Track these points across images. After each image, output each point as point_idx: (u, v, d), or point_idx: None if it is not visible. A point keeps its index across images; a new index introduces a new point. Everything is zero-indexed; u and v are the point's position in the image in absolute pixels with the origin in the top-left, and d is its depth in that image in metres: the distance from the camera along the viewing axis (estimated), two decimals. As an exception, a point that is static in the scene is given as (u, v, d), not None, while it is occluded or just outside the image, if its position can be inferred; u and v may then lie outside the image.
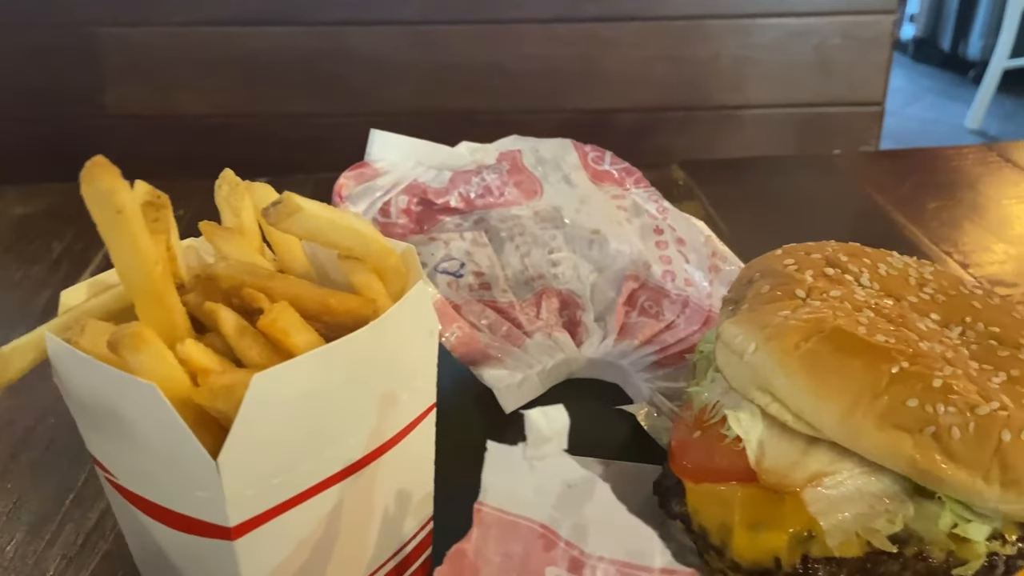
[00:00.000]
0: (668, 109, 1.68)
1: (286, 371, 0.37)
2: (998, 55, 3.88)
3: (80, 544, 0.57)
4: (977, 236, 0.97)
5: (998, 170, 1.13)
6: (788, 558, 0.47)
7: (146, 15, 1.52)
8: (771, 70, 1.61)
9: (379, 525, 0.48)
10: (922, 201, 1.06)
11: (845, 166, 1.21)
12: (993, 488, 0.44)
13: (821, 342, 0.47)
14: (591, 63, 1.62)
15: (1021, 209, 1.03)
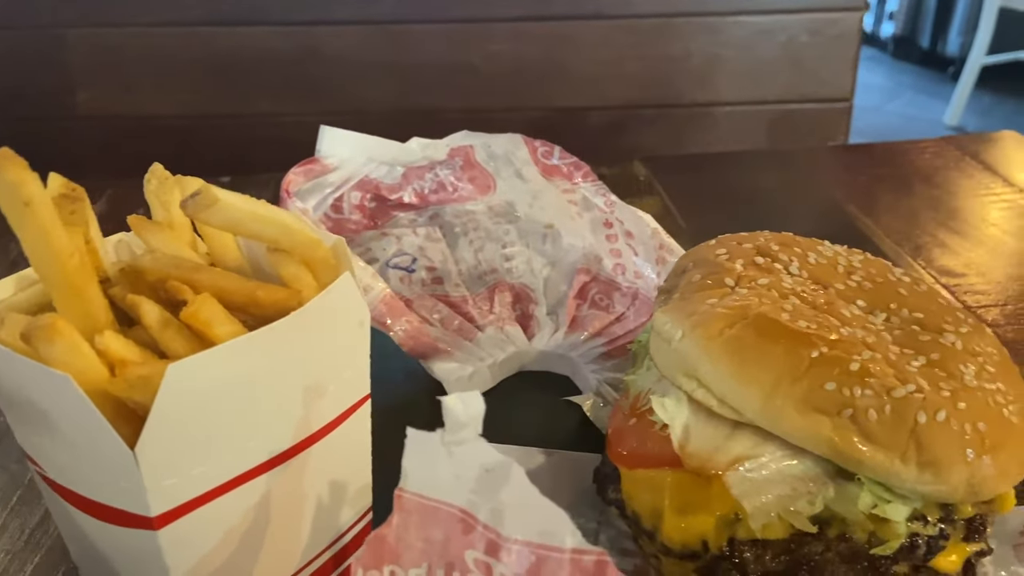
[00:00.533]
0: (639, 107, 1.69)
1: (203, 361, 0.38)
2: (975, 52, 3.92)
3: (24, 540, 0.57)
4: (930, 229, 0.98)
5: (955, 163, 1.15)
6: (715, 541, 0.48)
7: (115, 16, 1.51)
8: (741, 67, 1.63)
9: (313, 515, 0.48)
10: (878, 194, 1.07)
11: (803, 161, 1.22)
12: (910, 469, 0.45)
13: (744, 328, 0.48)
14: (561, 61, 1.63)
15: (975, 201, 1.05)
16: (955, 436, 0.45)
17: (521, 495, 0.39)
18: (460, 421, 0.39)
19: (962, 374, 0.47)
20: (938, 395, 0.46)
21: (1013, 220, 1.00)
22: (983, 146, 1.20)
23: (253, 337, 0.40)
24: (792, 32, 1.63)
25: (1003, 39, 4.01)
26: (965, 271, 0.88)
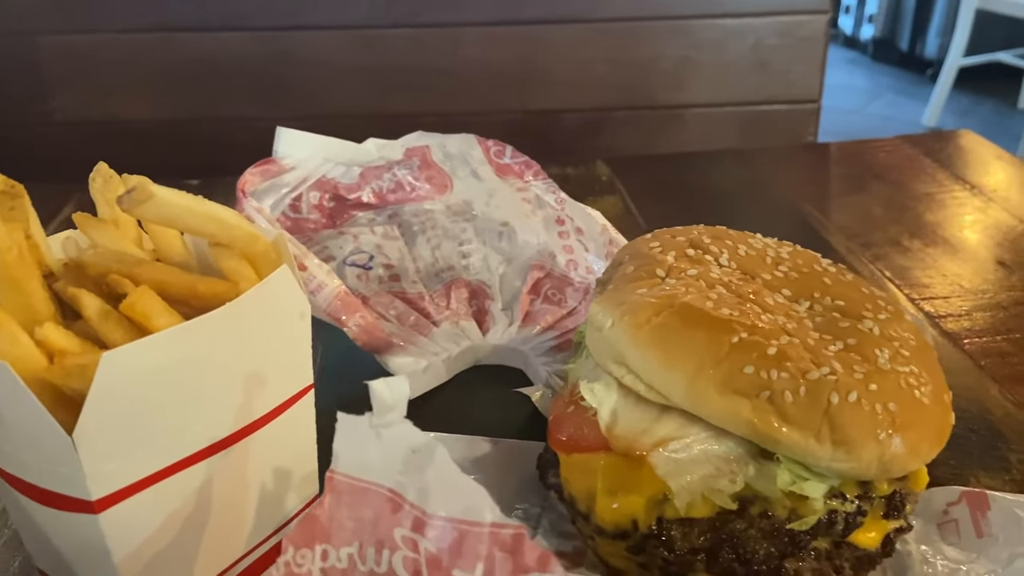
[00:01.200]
0: (612, 109, 1.71)
1: (138, 348, 0.40)
2: (953, 53, 3.97)
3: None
4: (882, 225, 1.01)
5: (910, 162, 1.18)
6: (644, 520, 0.50)
7: (90, 22, 1.52)
8: (711, 70, 1.65)
9: (257, 502, 0.50)
10: (832, 192, 1.10)
11: (763, 160, 1.25)
12: (825, 447, 0.47)
13: (670, 316, 0.50)
14: (534, 65, 1.65)
15: (928, 199, 1.07)
16: (866, 416, 0.47)
17: (445, 474, 0.41)
18: (387, 405, 0.41)
19: (876, 358, 0.50)
20: (851, 377, 0.48)
21: (964, 217, 1.02)
22: (939, 145, 1.23)
23: (189, 326, 0.41)
24: (760, 35, 1.65)
25: (980, 41, 4.06)
26: (912, 266, 0.91)
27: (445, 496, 0.40)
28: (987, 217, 1.01)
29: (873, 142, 1.25)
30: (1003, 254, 0.93)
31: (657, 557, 0.50)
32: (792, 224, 1.01)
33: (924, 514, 0.56)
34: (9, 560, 0.57)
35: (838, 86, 4.81)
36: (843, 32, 5.37)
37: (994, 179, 1.12)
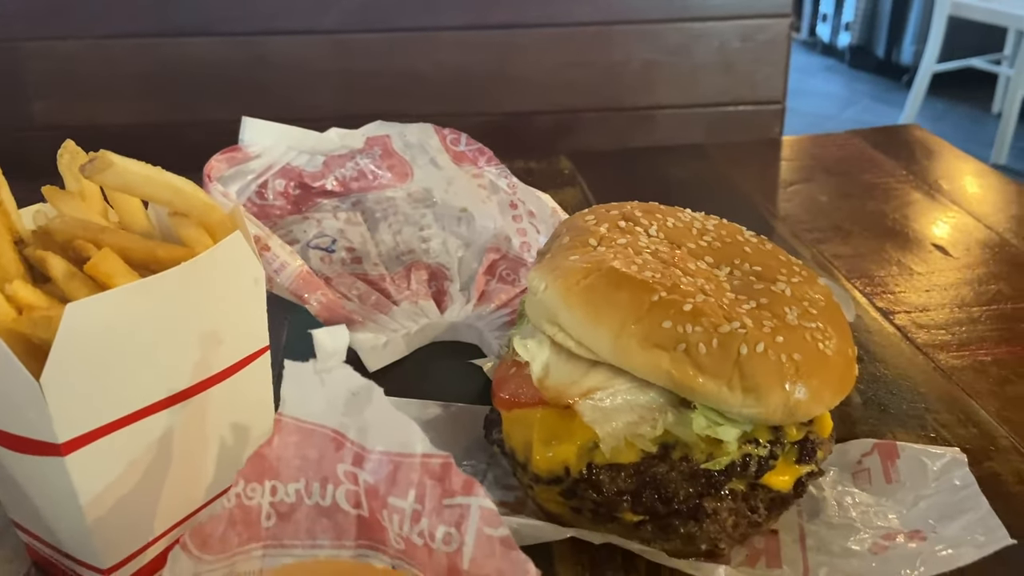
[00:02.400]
0: (583, 111, 1.75)
1: (99, 301, 0.43)
2: (926, 59, 4.03)
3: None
4: (826, 213, 1.06)
5: (859, 154, 1.23)
6: (576, 466, 0.54)
7: (68, 29, 1.55)
8: (678, 72, 1.70)
9: (216, 454, 0.54)
10: (782, 184, 1.15)
11: (719, 155, 1.30)
12: (735, 394, 0.51)
13: (598, 279, 0.54)
14: (506, 68, 1.69)
15: (873, 189, 1.12)
16: (773, 365, 0.51)
17: (381, 413, 0.45)
18: (328, 351, 0.45)
19: (785, 315, 0.54)
20: (760, 331, 0.52)
21: (907, 206, 1.07)
22: (888, 138, 1.29)
23: (147, 282, 0.45)
24: (725, 38, 1.70)
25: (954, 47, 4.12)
26: (851, 251, 0.96)
27: (381, 433, 0.45)
28: (928, 204, 1.06)
29: (825, 137, 1.30)
30: (940, 238, 0.98)
31: (587, 500, 0.54)
32: (743, 214, 1.05)
33: (839, 464, 0.61)
34: (-15, 519, 0.60)
35: (816, 93, 4.89)
36: (821, 40, 5.45)
37: (938, 169, 1.18)
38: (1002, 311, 0.82)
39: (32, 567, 0.56)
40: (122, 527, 0.50)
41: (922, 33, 4.57)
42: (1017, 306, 0.83)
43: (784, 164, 1.24)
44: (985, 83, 4.36)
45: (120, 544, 0.50)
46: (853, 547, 0.54)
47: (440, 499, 0.43)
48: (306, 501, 0.46)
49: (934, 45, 4.02)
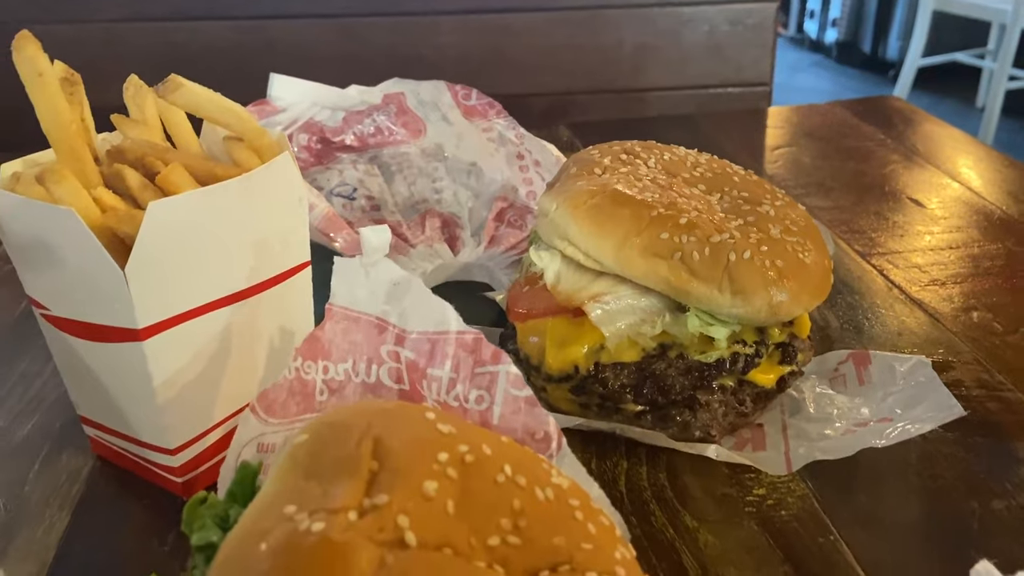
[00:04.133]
0: (576, 93, 1.82)
1: (175, 201, 0.50)
2: (912, 54, 4.11)
3: (29, 398, 0.68)
4: (807, 171, 1.13)
5: (841, 122, 1.30)
6: (584, 365, 0.61)
7: (72, 13, 1.60)
8: (668, 55, 1.76)
9: (266, 354, 0.60)
10: (768, 148, 1.22)
11: (709, 123, 1.37)
12: (725, 297, 0.58)
13: (603, 199, 0.61)
14: (502, 51, 1.75)
15: (853, 149, 1.20)
16: (758, 270, 0.58)
17: (420, 299, 0.51)
18: (373, 247, 0.51)
19: (769, 230, 0.61)
20: (747, 241, 0.59)
21: (886, 166, 1.15)
22: (867, 107, 1.36)
23: (214, 188, 0.52)
24: (714, 22, 1.77)
25: (939, 42, 4.20)
26: (832, 204, 1.03)
27: (420, 315, 0.51)
28: (905, 165, 1.14)
29: (808, 107, 1.38)
30: (916, 193, 1.05)
31: (594, 395, 0.61)
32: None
33: (818, 372, 0.68)
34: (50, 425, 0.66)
35: (803, 88, 4.97)
36: (808, 36, 5.53)
37: (915, 135, 1.25)
38: (970, 252, 0.90)
39: (96, 461, 0.63)
40: (187, 411, 0.56)
41: (907, 28, 4.64)
42: (984, 248, 0.91)
43: (769, 131, 1.32)
44: (969, 77, 4.43)
45: (185, 427, 0.57)
46: (829, 433, 0.61)
47: (473, 368, 0.50)
48: (353, 379, 0.53)
49: (919, 40, 4.09)
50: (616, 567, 0.38)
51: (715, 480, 0.59)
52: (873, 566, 0.52)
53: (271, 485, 0.37)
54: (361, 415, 0.40)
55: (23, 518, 0.57)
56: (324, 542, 0.32)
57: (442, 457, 0.38)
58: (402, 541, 0.34)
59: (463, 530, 0.36)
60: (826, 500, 0.57)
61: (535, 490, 0.39)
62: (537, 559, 0.37)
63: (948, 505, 0.57)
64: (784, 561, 0.53)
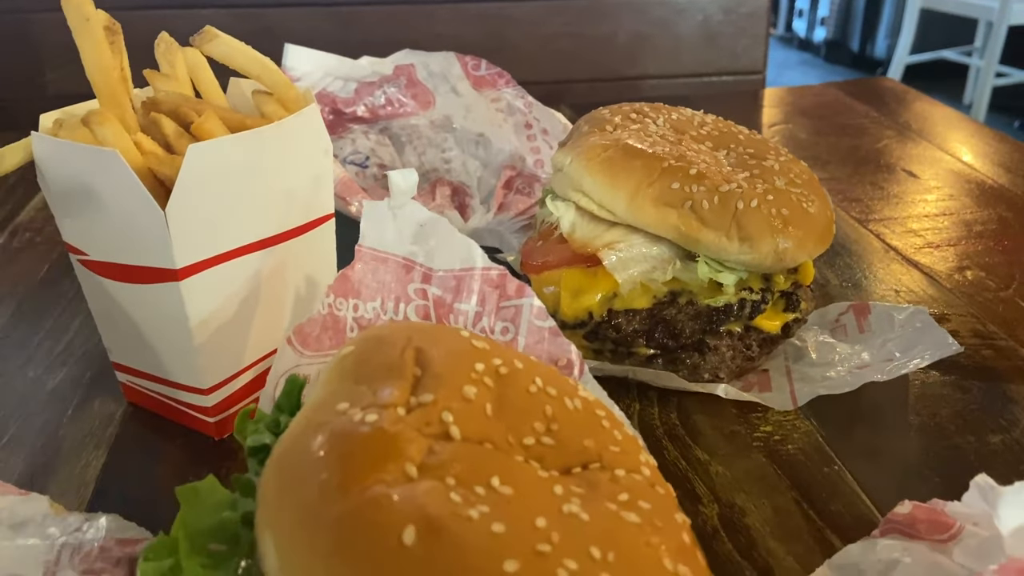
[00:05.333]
0: (572, 81, 1.84)
1: (214, 145, 0.52)
2: (899, 51, 4.16)
3: (58, 352, 0.71)
4: (804, 145, 1.16)
5: (834, 100, 1.34)
6: (598, 312, 0.64)
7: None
8: (663, 44, 1.79)
9: (292, 300, 0.63)
10: (763, 125, 1.26)
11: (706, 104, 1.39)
12: (733, 244, 0.61)
13: (615, 151, 0.64)
14: (499, 40, 1.78)
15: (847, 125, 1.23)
16: (764, 218, 0.61)
17: (446, 239, 0.54)
18: (401, 190, 0.54)
19: (775, 181, 0.64)
20: (753, 191, 0.62)
21: (879, 141, 1.18)
22: (860, 87, 1.40)
23: (247, 135, 0.54)
24: (708, 11, 1.80)
25: (926, 39, 4.25)
26: (828, 175, 1.06)
27: (446, 254, 0.54)
28: (898, 139, 1.17)
29: (802, 88, 1.41)
30: (909, 165, 1.09)
31: (608, 341, 0.64)
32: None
33: (819, 323, 0.71)
34: (80, 376, 0.68)
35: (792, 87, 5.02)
36: (797, 35, 5.58)
37: (907, 112, 1.29)
38: (963, 218, 0.93)
39: (128, 407, 0.65)
40: (220, 352, 0.58)
41: (895, 27, 4.69)
42: (976, 215, 0.94)
43: (765, 110, 1.35)
44: (956, 74, 4.49)
45: (218, 367, 0.59)
46: (831, 375, 0.64)
47: (498, 302, 0.53)
48: (382, 317, 0.55)
49: (907, 38, 4.15)
50: (642, 467, 0.41)
51: (724, 419, 0.62)
52: (876, 491, 0.55)
53: (322, 390, 0.39)
54: (403, 330, 0.42)
55: (60, 458, 0.60)
56: (377, 431, 0.35)
57: (479, 367, 0.41)
58: (447, 434, 0.36)
59: (501, 429, 0.39)
60: (829, 436, 0.60)
61: (564, 400, 0.42)
62: (569, 458, 0.39)
63: (946, 439, 0.60)
64: (791, 488, 0.56)
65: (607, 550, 0.33)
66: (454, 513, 0.32)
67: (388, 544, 0.31)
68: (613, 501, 0.37)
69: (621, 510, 0.36)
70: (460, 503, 0.33)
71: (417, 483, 0.33)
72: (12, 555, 0.47)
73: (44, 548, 0.48)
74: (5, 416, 0.64)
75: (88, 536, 0.48)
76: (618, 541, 0.34)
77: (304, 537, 0.32)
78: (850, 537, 0.49)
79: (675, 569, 0.35)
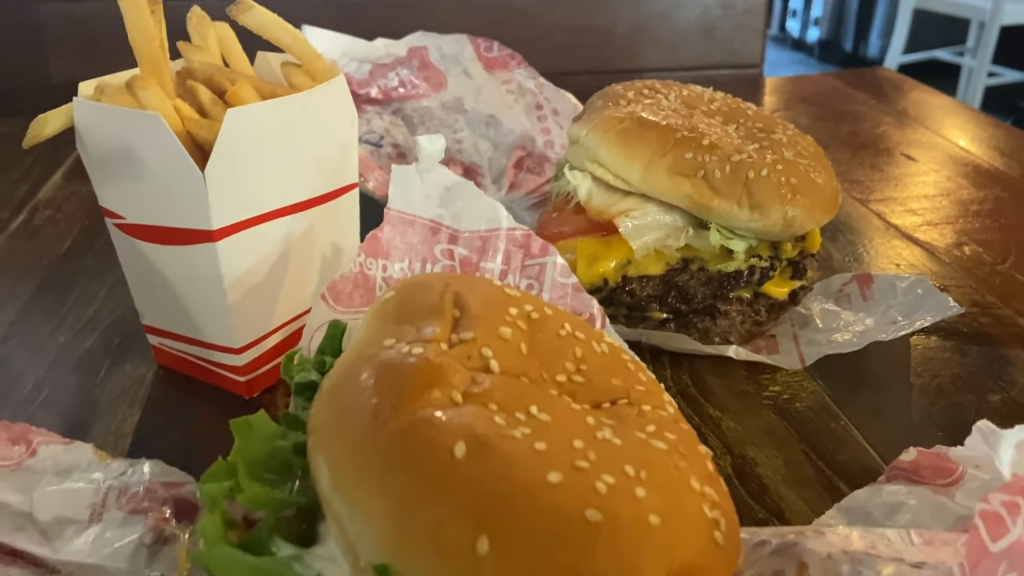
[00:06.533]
0: (572, 73, 1.86)
1: (251, 109, 0.55)
2: (892, 51, 4.18)
3: (86, 320, 0.73)
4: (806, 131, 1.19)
5: (833, 88, 1.37)
6: (613, 278, 0.66)
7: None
8: (662, 37, 1.82)
9: (319, 265, 0.65)
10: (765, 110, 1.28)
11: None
12: (744, 211, 0.64)
13: (630, 123, 0.66)
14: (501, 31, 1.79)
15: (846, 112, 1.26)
16: (774, 186, 0.64)
17: (472, 202, 0.57)
18: (429, 154, 0.56)
19: (783, 152, 0.67)
20: (763, 160, 0.65)
21: (878, 127, 1.21)
22: (858, 77, 1.43)
23: (281, 100, 0.57)
24: (706, 5, 1.82)
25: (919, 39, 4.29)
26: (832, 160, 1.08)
27: (472, 216, 0.56)
28: (896, 125, 1.20)
29: (801, 78, 1.44)
30: (907, 149, 1.11)
31: (622, 306, 0.66)
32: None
33: (824, 293, 0.74)
34: (108, 343, 0.71)
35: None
36: (790, 35, 5.62)
37: (905, 100, 1.32)
38: (960, 198, 0.96)
39: (159, 370, 0.67)
40: (252, 312, 0.61)
41: (888, 27, 4.72)
42: (974, 195, 0.97)
43: (766, 98, 1.38)
44: (949, 74, 4.52)
45: (250, 327, 0.61)
46: (836, 338, 0.66)
47: (523, 260, 0.55)
48: (409, 277, 0.57)
49: (900, 38, 4.17)
50: (666, 405, 0.43)
51: (734, 380, 0.65)
52: (881, 444, 0.58)
53: (365, 331, 0.42)
54: (439, 277, 0.44)
55: (96, 415, 0.62)
56: (424, 361, 0.37)
57: (512, 311, 0.43)
58: (487, 367, 0.39)
59: (535, 366, 0.41)
60: (835, 395, 0.63)
61: (592, 344, 0.44)
62: (599, 394, 0.42)
63: (947, 399, 0.63)
64: (800, 441, 0.58)
65: (640, 469, 0.36)
66: (499, 433, 0.35)
67: (440, 457, 0.33)
68: (642, 431, 0.39)
69: (650, 439, 0.39)
70: (504, 425, 0.35)
71: (463, 407, 0.36)
72: (59, 498, 0.50)
73: (90, 491, 0.50)
74: (39, 379, 0.66)
75: (133, 479, 0.50)
76: (649, 463, 0.37)
77: (359, 456, 0.34)
78: (857, 484, 0.51)
79: (702, 490, 0.37)
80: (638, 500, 0.34)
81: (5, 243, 0.88)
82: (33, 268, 0.82)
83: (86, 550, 0.46)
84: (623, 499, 0.34)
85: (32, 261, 0.84)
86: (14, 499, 0.50)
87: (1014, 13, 3.75)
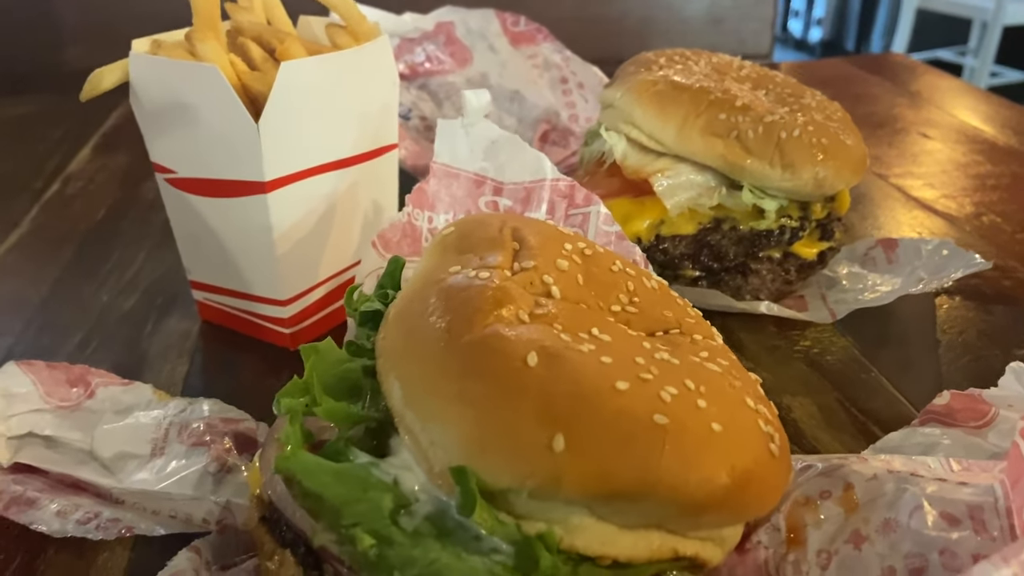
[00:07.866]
0: (583, 62, 1.88)
1: (304, 63, 0.56)
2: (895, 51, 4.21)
3: (126, 281, 0.74)
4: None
5: (848, 72, 1.39)
6: (647, 237, 0.68)
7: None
8: (671, 27, 1.83)
9: (361, 222, 0.67)
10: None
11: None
12: (776, 170, 0.65)
13: (664, 86, 0.68)
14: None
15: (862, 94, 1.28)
16: (805, 146, 0.65)
17: (517, 155, 0.58)
18: (475, 107, 0.58)
19: (813, 115, 0.69)
20: (795, 122, 0.66)
21: (893, 108, 1.22)
22: (870, 62, 1.44)
23: (330, 56, 0.58)
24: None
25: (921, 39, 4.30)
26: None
27: (516, 168, 0.58)
28: (911, 106, 1.22)
29: (813, 63, 1.46)
30: (923, 128, 1.13)
31: (655, 264, 0.68)
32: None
33: (849, 257, 0.75)
34: (148, 306, 0.72)
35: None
36: (792, 35, 5.63)
37: (917, 82, 1.33)
38: (978, 172, 0.98)
39: (204, 325, 0.69)
40: (299, 264, 0.62)
41: (890, 27, 4.74)
42: (990, 170, 0.98)
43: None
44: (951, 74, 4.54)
45: (296, 279, 0.63)
46: (865, 296, 0.68)
47: (567, 210, 0.57)
48: (454, 228, 0.59)
49: (902, 38, 4.19)
50: (716, 336, 0.45)
51: (765, 335, 0.66)
52: (912, 393, 0.59)
53: (428, 262, 0.43)
54: (497, 215, 0.46)
55: (146, 365, 0.63)
56: (491, 283, 0.39)
57: (567, 247, 0.45)
58: (549, 293, 0.41)
59: (592, 296, 0.43)
60: (865, 350, 0.65)
61: (643, 279, 0.46)
62: (652, 323, 0.43)
63: (973, 353, 0.64)
64: (833, 389, 0.60)
65: (699, 384, 0.37)
66: (567, 346, 0.36)
67: (514, 364, 0.35)
68: (696, 356, 0.41)
69: (704, 362, 0.41)
70: (570, 341, 0.37)
71: (530, 325, 0.37)
72: (120, 434, 0.51)
73: (151, 427, 0.51)
74: (86, 335, 0.67)
75: (193, 416, 0.52)
76: (707, 380, 0.38)
77: (434, 368, 0.36)
78: (891, 429, 0.53)
79: (756, 407, 0.39)
80: (700, 409, 0.36)
81: (40, 211, 0.90)
82: (71, 233, 0.84)
83: (152, 479, 0.48)
84: (687, 407, 0.35)
85: (69, 226, 0.85)
86: (75, 436, 0.51)
87: (1016, 13, 3.77)
